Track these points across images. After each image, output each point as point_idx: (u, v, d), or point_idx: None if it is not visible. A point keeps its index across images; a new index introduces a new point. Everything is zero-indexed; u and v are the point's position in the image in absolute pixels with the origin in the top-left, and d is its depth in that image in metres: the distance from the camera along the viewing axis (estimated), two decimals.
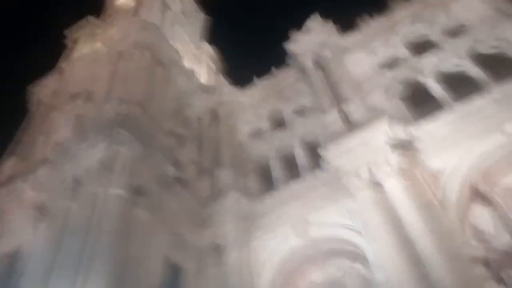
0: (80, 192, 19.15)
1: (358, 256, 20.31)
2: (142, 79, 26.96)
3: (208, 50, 43.41)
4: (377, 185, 19.77)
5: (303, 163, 25.85)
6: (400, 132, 21.09)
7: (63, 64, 34.95)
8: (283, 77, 32.71)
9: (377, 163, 20.01)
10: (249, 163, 28.70)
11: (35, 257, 18.15)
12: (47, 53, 41.54)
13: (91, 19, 40.89)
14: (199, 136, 30.20)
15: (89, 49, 35.07)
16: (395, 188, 19.16)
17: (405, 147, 20.90)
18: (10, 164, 25.82)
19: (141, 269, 17.94)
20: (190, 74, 35.03)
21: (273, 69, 33.94)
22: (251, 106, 32.82)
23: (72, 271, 16.17)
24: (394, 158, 20.06)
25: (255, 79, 34.26)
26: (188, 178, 25.12)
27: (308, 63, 29.57)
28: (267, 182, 26.67)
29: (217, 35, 48.05)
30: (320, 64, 29.28)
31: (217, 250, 22.25)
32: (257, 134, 30.55)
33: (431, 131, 21.29)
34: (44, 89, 32.89)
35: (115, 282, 16.21)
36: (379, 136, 20.60)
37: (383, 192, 19.39)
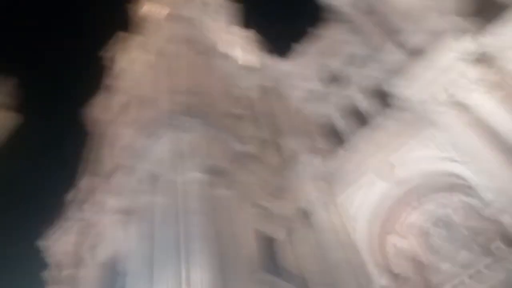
0: (160, 184, 19.24)
1: (456, 185, 18.90)
2: (187, 70, 26.85)
3: (243, 34, 42.76)
4: (460, 105, 18.23)
5: (368, 108, 24.59)
6: (469, 44, 19.25)
7: (108, 81, 35.86)
8: (323, 34, 31.42)
9: (454, 82, 18.44)
10: (311, 126, 27.85)
11: (134, 256, 18.40)
12: (90, 77, 42.92)
13: (121, 34, 41.73)
14: (254, 112, 29.77)
15: (129, 60, 35.72)
16: (481, 101, 17.56)
17: (479, 58, 19.07)
18: (86, 181, 26.67)
19: (236, 244, 17.71)
20: (229, 57, 34.62)
21: (312, 30, 32.78)
22: (297, 72, 31.85)
23: (174, 259, 16.14)
24: (471, 71, 18.35)
25: (296, 46, 33.26)
26: (255, 152, 24.70)
27: (348, 10, 28.03)
28: (335, 138, 25.67)
29: (249, 17, 47.31)
30: (361, 7, 27.63)
31: (304, 214, 21.74)
32: (311, 96, 29.55)
33: (503, 34, 19.28)
34: (97, 108, 33.88)
35: (217, 260, 16.02)
36: (449, 54, 18.90)
37: (469, 110, 17.85)
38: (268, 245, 20.18)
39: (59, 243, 24.40)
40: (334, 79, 28.61)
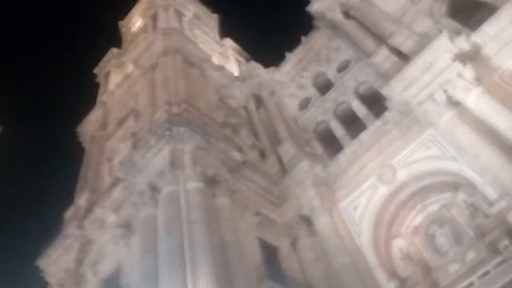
0: (160, 196, 18.96)
1: (457, 185, 18.85)
2: (180, 80, 26.79)
3: (231, 45, 43.04)
4: (457, 104, 18.33)
5: (365, 113, 24.67)
6: (463, 43, 19.40)
7: (103, 97, 35.62)
8: (314, 41, 31.63)
9: (450, 81, 18.52)
10: (308, 134, 27.87)
11: (137, 269, 17.95)
12: (85, 95, 42.79)
13: (114, 50, 41.71)
14: (250, 122, 29.84)
15: (122, 75, 35.62)
16: (480, 100, 17.62)
17: (474, 57, 19.25)
18: (84, 198, 26.19)
19: (240, 253, 17.49)
20: (222, 68, 34.69)
21: (303, 38, 32.98)
22: (290, 80, 31.90)
23: (178, 270, 15.76)
24: (467, 71, 18.47)
25: (287, 55, 33.38)
26: (253, 161, 24.63)
27: (338, 16, 28.27)
28: (333, 144, 25.67)
29: (237, 28, 47.78)
30: (350, 14, 27.92)
31: (305, 221, 21.62)
32: (306, 104, 29.59)
33: (496, 34, 19.46)
34: (92, 125, 33.51)
35: (222, 270, 15.78)
36: (444, 54, 19.02)
37: (467, 109, 17.95)
38: (272, 253, 20.00)
39: (59, 261, 23.86)
40: (329, 85, 28.70)
